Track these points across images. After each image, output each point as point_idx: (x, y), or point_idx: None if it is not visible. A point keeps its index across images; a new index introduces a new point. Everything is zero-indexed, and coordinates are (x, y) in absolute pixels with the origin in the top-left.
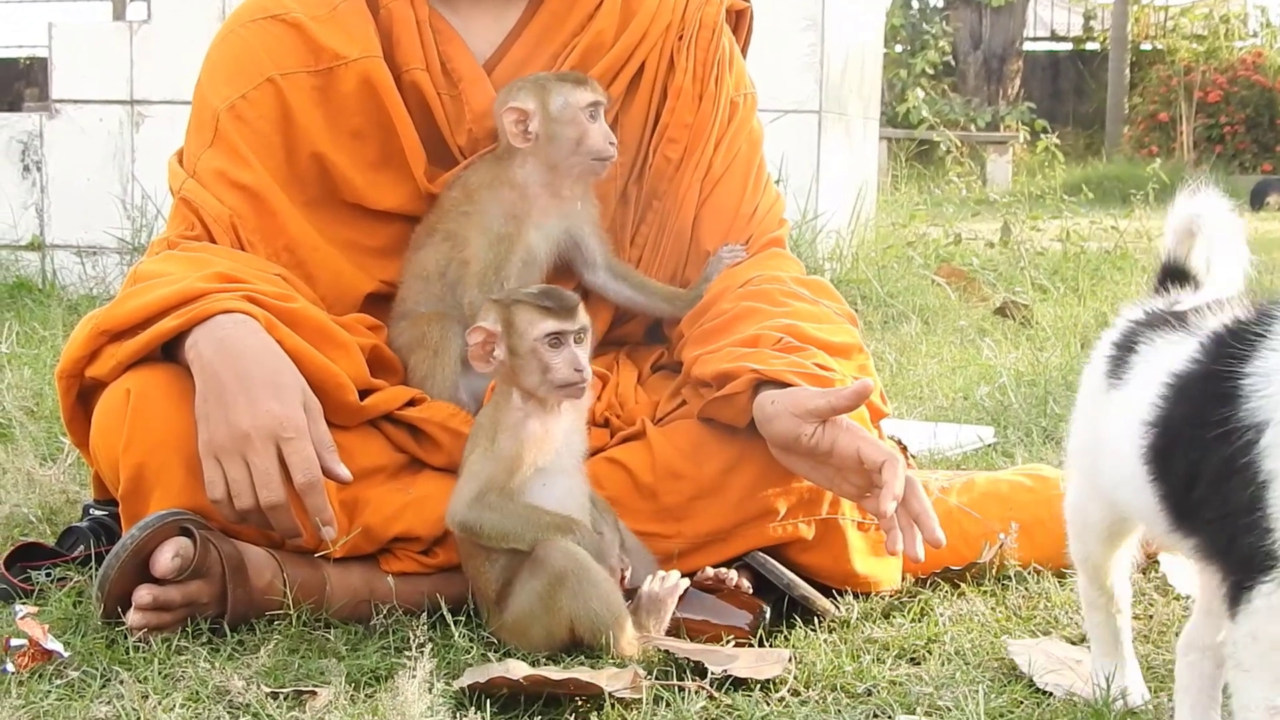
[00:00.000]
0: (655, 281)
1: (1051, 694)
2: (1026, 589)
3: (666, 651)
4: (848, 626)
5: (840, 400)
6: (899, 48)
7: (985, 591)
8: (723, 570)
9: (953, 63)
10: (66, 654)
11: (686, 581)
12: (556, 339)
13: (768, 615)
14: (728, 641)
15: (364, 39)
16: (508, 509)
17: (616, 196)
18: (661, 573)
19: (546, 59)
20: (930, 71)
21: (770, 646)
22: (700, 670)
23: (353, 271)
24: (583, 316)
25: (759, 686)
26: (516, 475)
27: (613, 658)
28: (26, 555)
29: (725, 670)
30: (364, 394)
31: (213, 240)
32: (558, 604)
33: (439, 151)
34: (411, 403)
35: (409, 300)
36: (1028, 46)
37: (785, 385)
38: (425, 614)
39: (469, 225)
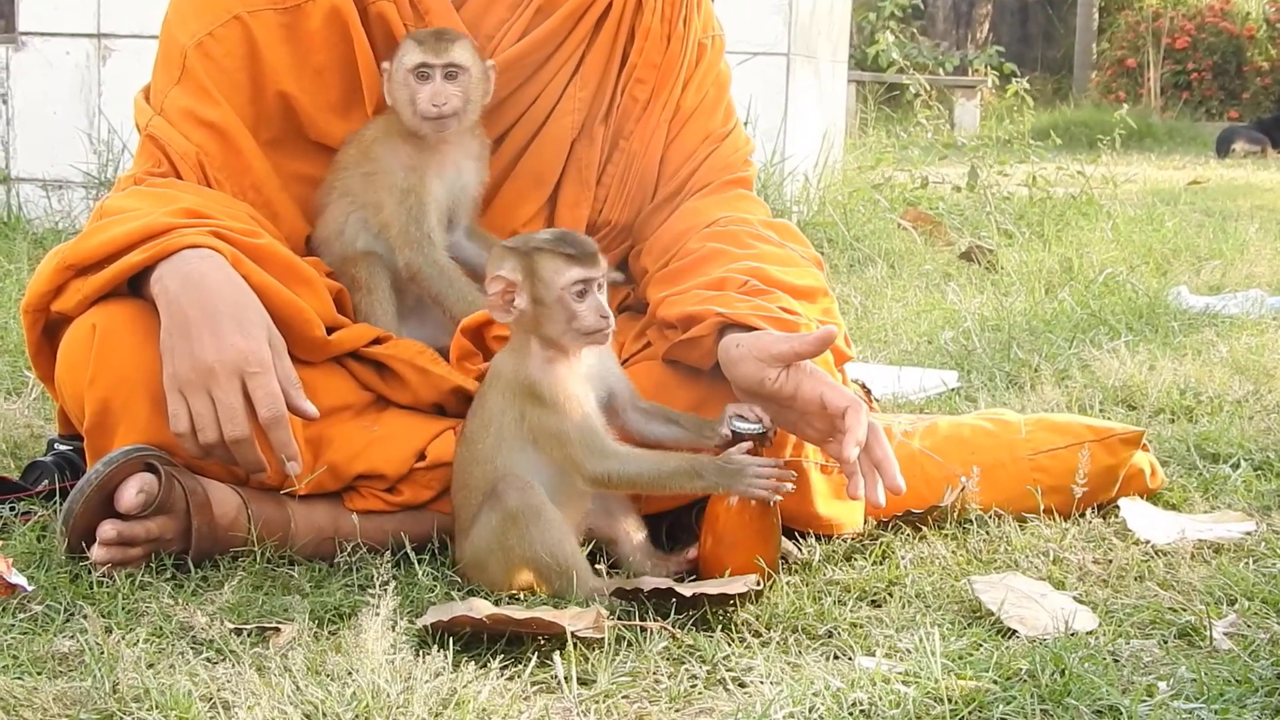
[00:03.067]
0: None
1: (1012, 636)
2: (987, 532)
3: (631, 591)
4: (809, 569)
5: (804, 345)
6: None
7: (946, 535)
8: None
9: (922, 6)
10: (30, 588)
11: None
12: (582, 286)
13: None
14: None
15: None
16: (620, 455)
17: (583, 135)
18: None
19: None
20: (899, 15)
21: None
22: (663, 610)
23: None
24: (604, 263)
25: (720, 628)
26: (587, 412)
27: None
28: None
29: (697, 591)
30: (330, 332)
31: (179, 177)
32: (509, 543)
33: None
34: (377, 341)
35: (326, 257)
36: None
37: (750, 329)
38: (389, 552)
39: (375, 187)
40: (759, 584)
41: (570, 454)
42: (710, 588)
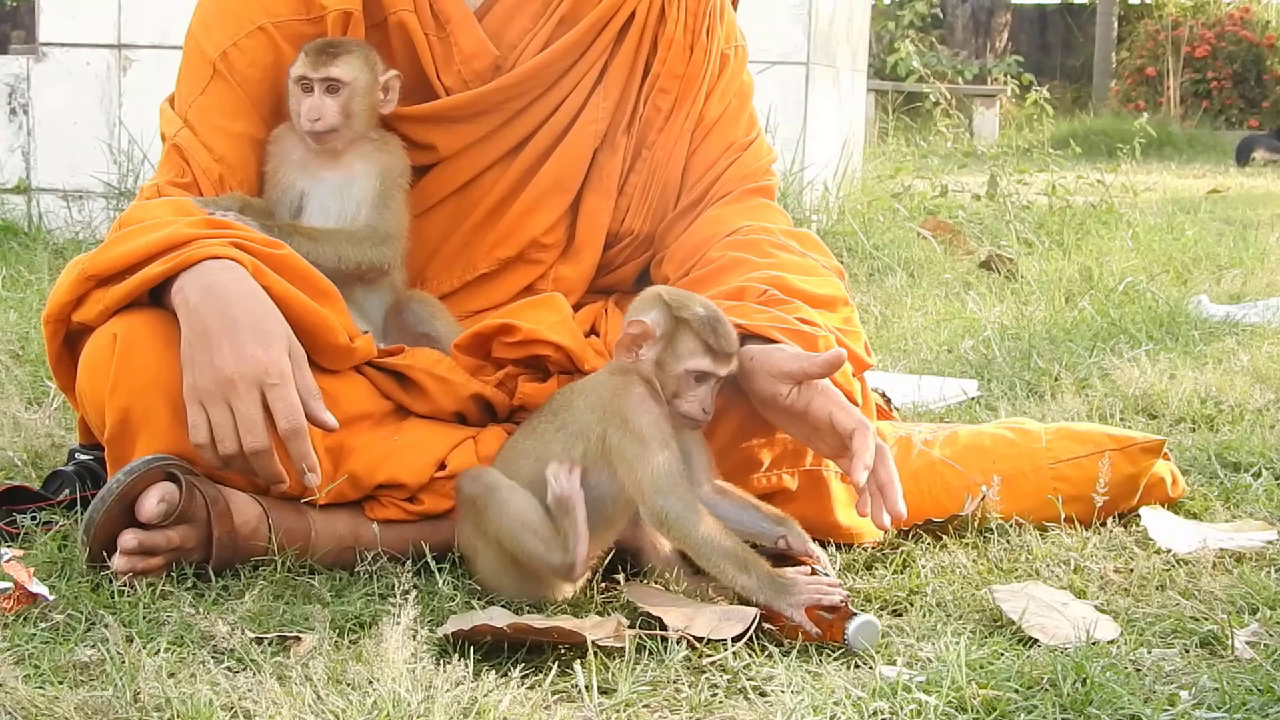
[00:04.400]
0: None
1: (1034, 645)
2: (1008, 541)
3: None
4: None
5: (813, 366)
6: (888, 0)
7: (967, 544)
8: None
9: (941, 15)
10: (51, 597)
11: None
12: (704, 376)
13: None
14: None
15: None
16: (688, 503)
17: (606, 145)
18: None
19: (538, 6)
20: (918, 23)
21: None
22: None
23: None
24: (735, 363)
25: (738, 643)
26: (671, 452)
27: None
28: (11, 499)
29: (682, 630)
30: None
31: (200, 193)
32: (485, 529)
33: (422, 92)
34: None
35: None
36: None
37: (768, 340)
38: (410, 561)
39: (268, 182)
40: (756, 621)
41: (641, 480)
42: (700, 628)
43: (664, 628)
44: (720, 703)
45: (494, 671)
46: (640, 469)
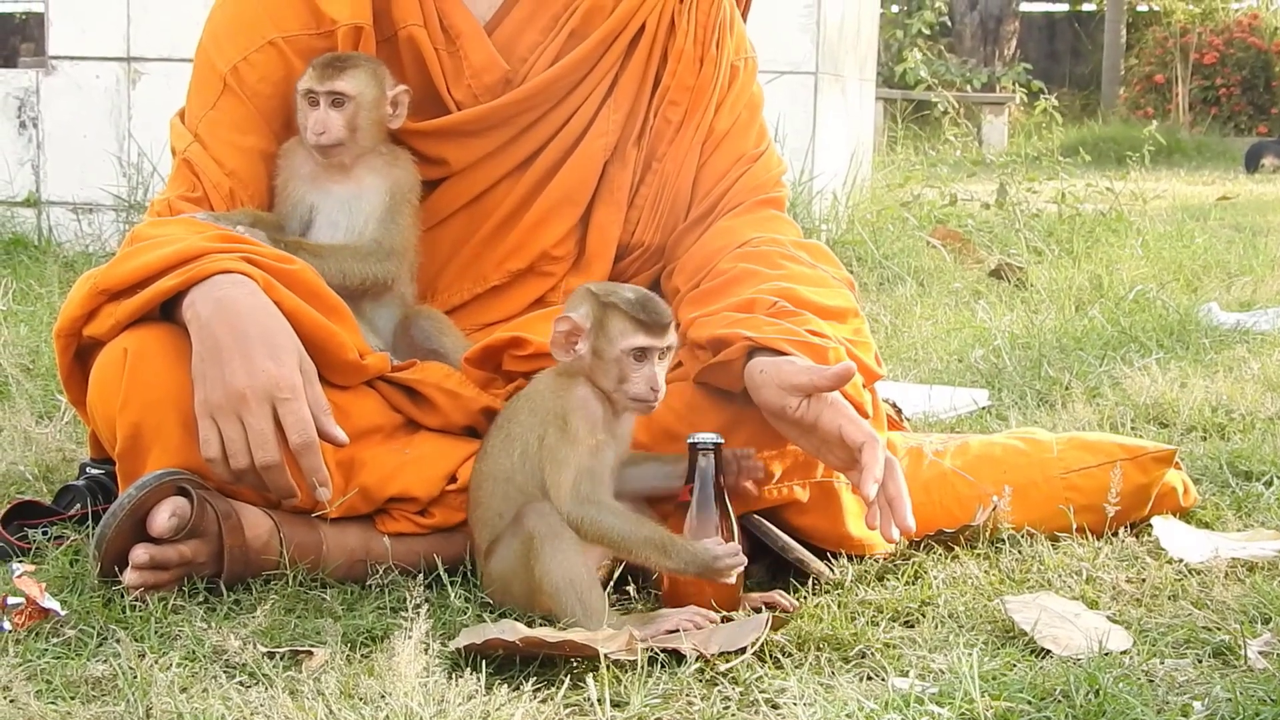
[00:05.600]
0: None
1: (1046, 656)
2: (1020, 552)
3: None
4: (842, 589)
5: (822, 379)
6: (895, 8)
7: (979, 554)
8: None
9: (949, 23)
10: (63, 612)
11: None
12: (642, 353)
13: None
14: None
15: (357, 3)
16: (612, 510)
17: (616, 157)
18: None
19: (547, 20)
20: (926, 32)
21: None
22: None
23: None
24: (672, 335)
25: (753, 648)
26: (600, 456)
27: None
28: (23, 513)
29: (697, 649)
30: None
31: (211, 206)
32: (529, 564)
33: (433, 107)
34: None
35: None
36: (1024, 7)
37: (778, 353)
38: (421, 575)
39: (278, 197)
40: (768, 625)
41: (560, 484)
42: (717, 643)
43: (680, 655)
44: (732, 715)
45: (506, 685)
46: (565, 473)
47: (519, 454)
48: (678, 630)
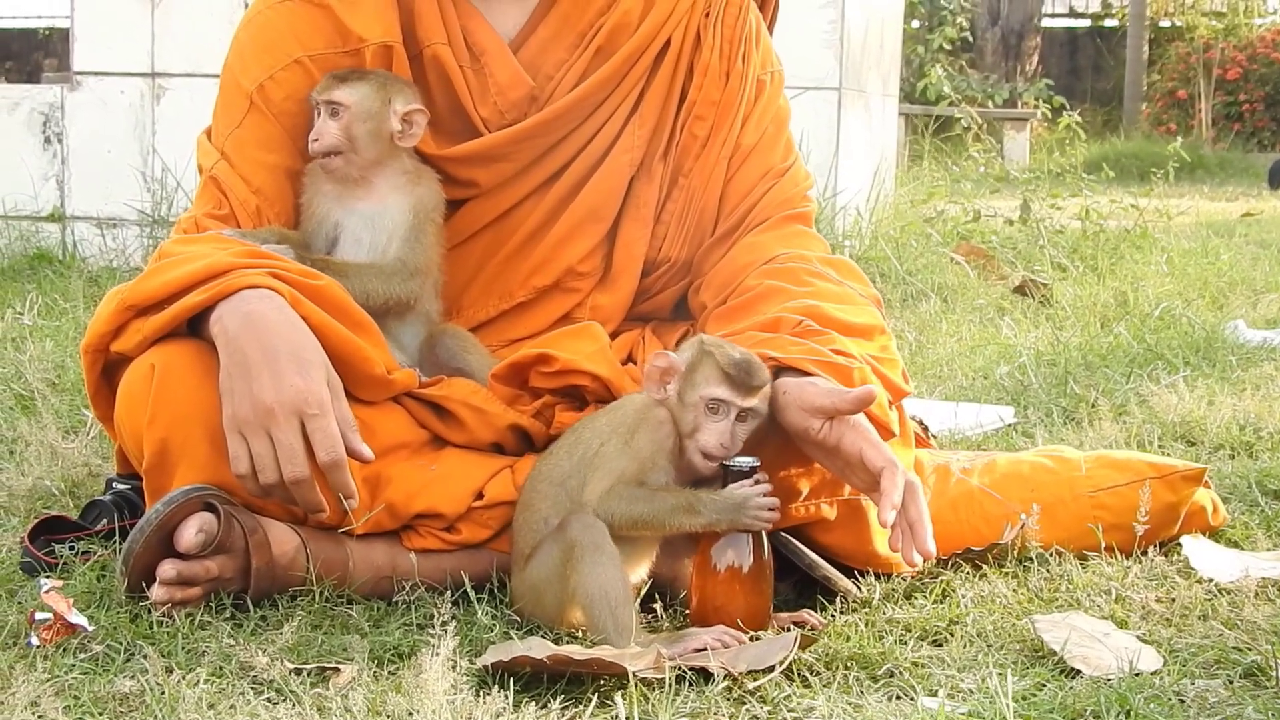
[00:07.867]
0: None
1: (1076, 676)
2: (1048, 570)
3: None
4: (870, 607)
5: (844, 403)
6: (917, 24)
7: (1007, 573)
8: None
9: (971, 39)
10: (91, 628)
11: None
12: (717, 406)
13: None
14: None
15: (386, 21)
16: (635, 495)
17: (642, 172)
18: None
19: (573, 37)
20: (948, 48)
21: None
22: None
23: None
24: (759, 401)
25: (781, 667)
26: (649, 475)
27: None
28: (50, 528)
29: (725, 667)
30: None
31: (238, 224)
32: (565, 574)
33: (460, 124)
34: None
35: None
36: (1046, 23)
37: (803, 373)
38: (448, 591)
39: (303, 215)
40: (797, 643)
41: (597, 482)
42: (745, 662)
43: (708, 673)
44: None
45: (534, 703)
46: (607, 477)
47: (579, 458)
48: (705, 649)
